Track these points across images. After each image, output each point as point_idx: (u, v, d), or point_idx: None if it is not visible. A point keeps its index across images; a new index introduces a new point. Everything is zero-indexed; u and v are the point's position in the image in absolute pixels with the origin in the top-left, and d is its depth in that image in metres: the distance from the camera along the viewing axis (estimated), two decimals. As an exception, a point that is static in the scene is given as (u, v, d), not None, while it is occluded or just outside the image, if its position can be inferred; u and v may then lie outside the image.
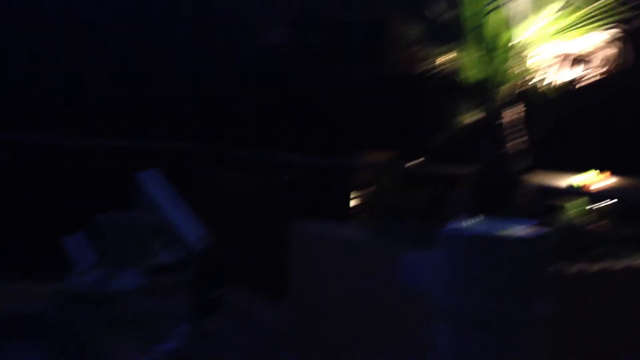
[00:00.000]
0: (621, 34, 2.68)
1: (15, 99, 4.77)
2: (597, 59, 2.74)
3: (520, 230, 1.90)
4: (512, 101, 2.79)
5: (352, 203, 3.54)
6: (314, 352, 3.05)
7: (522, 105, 2.81)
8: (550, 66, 2.77)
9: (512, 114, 2.79)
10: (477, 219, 2.09)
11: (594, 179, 3.26)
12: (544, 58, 2.77)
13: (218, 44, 5.26)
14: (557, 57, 2.76)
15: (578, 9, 2.70)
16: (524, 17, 2.74)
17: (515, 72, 2.77)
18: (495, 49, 2.74)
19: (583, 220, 2.74)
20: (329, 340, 3.00)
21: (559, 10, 2.72)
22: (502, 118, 2.77)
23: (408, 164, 4.02)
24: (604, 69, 2.73)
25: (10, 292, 4.00)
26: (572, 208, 2.80)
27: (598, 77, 2.76)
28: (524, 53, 2.76)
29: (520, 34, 2.74)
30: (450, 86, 2.90)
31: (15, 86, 4.81)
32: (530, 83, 2.79)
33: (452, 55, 2.87)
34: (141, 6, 5.23)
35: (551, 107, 2.79)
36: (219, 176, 4.73)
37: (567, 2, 2.72)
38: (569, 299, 2.24)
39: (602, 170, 3.30)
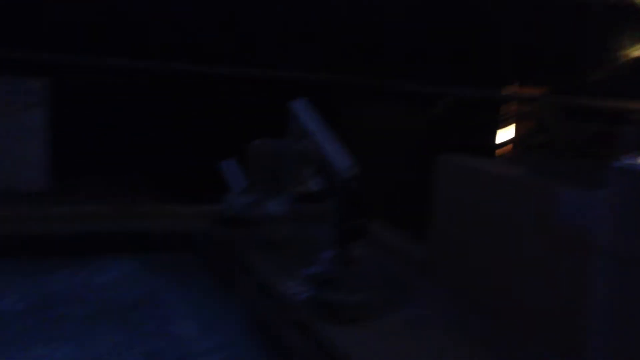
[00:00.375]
0: None
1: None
2: None
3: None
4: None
5: (505, 138, 3.40)
6: (455, 286, 3.03)
7: None
8: None
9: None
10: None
11: None
12: None
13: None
14: None
15: None
16: None
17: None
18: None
19: None
20: (472, 278, 2.95)
21: None
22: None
23: (568, 98, 3.76)
24: None
25: (169, 213, 4.35)
26: None
27: None
28: None
29: None
30: (615, 16, 2.63)
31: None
32: None
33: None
34: None
35: None
36: (365, 108, 4.72)
37: None
38: None
39: None
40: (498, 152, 4.33)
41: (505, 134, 4.28)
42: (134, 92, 4.51)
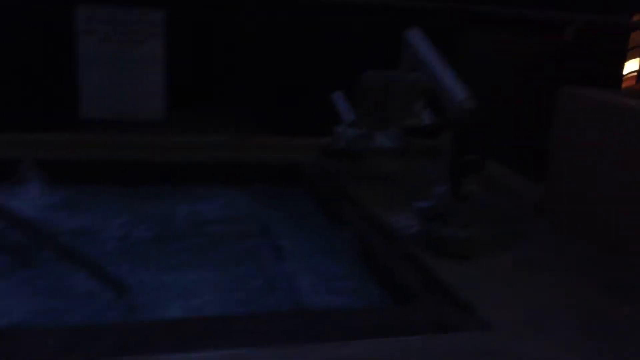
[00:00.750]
0: None
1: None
2: None
3: None
4: None
5: (633, 68, 3.12)
6: (573, 229, 2.89)
7: None
8: None
9: None
10: None
11: None
12: None
13: None
14: None
15: None
16: None
17: None
18: None
19: None
20: (593, 220, 2.80)
21: None
22: None
23: None
24: None
25: (280, 144, 4.40)
26: None
27: None
28: None
29: None
30: None
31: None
32: None
33: None
34: None
35: None
36: (482, 36, 4.49)
37: None
38: None
39: None
40: (625, 84, 4.02)
41: (633, 64, 3.95)
42: (248, 26, 4.54)
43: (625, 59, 3.89)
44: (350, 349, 1.81)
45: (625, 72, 4.64)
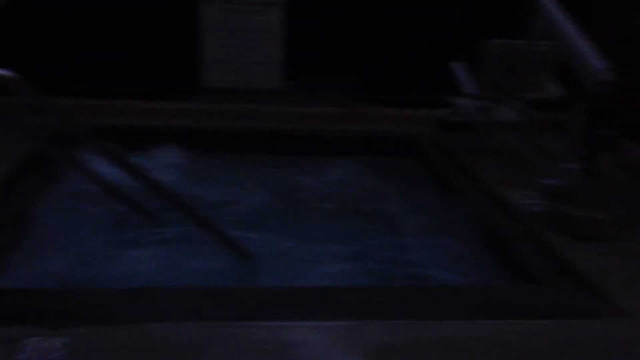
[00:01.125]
0: None
1: None
2: None
3: None
4: None
5: None
6: None
7: None
8: None
9: None
10: None
11: None
12: None
13: None
14: None
15: None
16: None
17: None
18: None
19: None
20: None
21: None
22: None
23: None
24: None
25: (394, 116, 4.34)
26: None
27: None
28: None
29: None
30: None
31: None
32: None
33: None
34: None
35: None
36: (621, 3, 4.16)
37: None
38: None
39: None
40: None
41: None
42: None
43: None
44: (476, 328, 1.75)
45: None
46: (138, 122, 3.94)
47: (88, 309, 1.80)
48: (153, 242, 2.61)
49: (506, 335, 1.72)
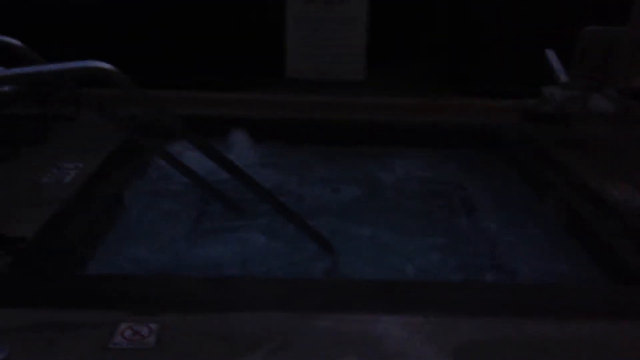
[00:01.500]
0: None
1: None
2: None
3: None
4: None
5: None
6: None
7: None
8: None
9: None
10: None
11: None
12: None
13: None
14: None
15: None
16: None
17: None
18: None
19: None
20: None
21: None
22: None
23: None
24: None
25: (478, 107, 4.19)
26: None
27: None
28: None
29: None
30: None
31: None
32: None
33: None
34: None
35: None
36: None
37: None
38: None
39: None
40: None
41: None
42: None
43: None
44: (572, 329, 1.67)
45: None
46: (219, 113, 3.98)
47: (178, 296, 1.84)
48: (239, 233, 2.65)
49: (600, 336, 1.64)
